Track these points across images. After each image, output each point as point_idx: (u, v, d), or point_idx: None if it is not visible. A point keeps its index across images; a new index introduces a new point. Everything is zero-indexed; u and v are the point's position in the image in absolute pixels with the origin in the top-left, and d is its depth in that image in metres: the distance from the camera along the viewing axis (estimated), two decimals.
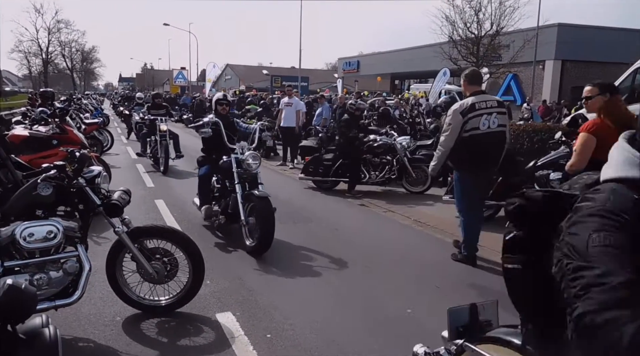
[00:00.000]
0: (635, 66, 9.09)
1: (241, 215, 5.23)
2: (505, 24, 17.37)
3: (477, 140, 4.77)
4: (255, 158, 5.46)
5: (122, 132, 18.81)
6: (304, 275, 4.64)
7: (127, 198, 3.54)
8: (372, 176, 8.73)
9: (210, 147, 6.11)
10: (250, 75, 58.35)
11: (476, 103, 4.80)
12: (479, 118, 4.76)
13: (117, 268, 3.67)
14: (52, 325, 1.68)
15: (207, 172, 5.99)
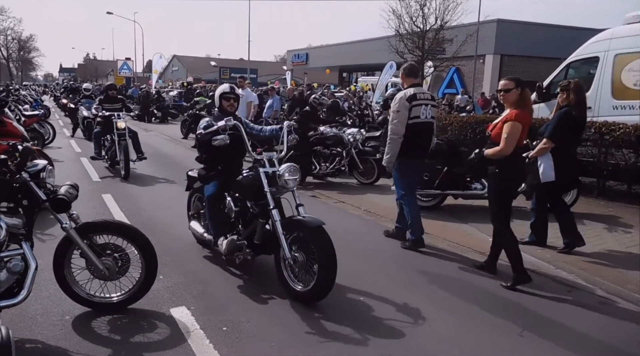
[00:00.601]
0: (568, 61, 9.61)
1: (285, 252, 3.88)
2: (449, 19, 17.91)
3: (418, 128, 5.15)
4: (294, 173, 4.18)
5: (64, 125, 17.95)
6: (258, 268, 4.65)
7: (74, 193, 3.43)
8: (322, 168, 8.83)
9: (214, 156, 4.65)
10: (198, 67, 57.11)
11: (417, 93, 5.18)
12: (420, 107, 5.15)
13: (66, 266, 3.56)
14: (3, 325, 1.64)
15: (217, 190, 4.51)
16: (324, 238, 3.76)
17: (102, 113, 9.15)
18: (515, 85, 4.30)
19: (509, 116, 4.29)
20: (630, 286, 4.31)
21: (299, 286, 3.88)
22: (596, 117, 8.12)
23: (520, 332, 3.51)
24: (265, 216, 4.13)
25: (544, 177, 5.10)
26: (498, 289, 4.28)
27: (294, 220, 3.97)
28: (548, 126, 5.20)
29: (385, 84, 22.40)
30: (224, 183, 4.52)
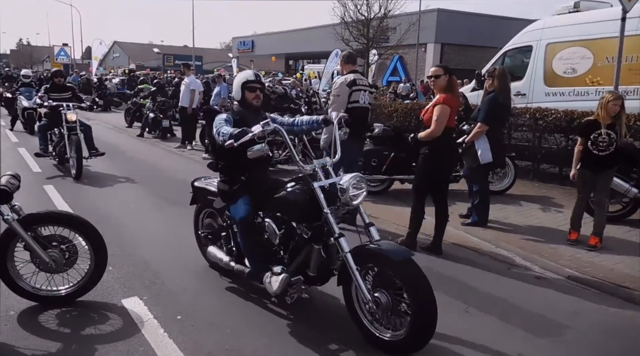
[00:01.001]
0: (504, 50, 10.07)
1: (364, 293, 3.01)
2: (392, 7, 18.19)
3: (357, 112, 5.35)
4: (361, 185, 3.26)
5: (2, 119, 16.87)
6: None
7: (16, 183, 3.32)
8: (274, 155, 8.84)
9: (237, 165, 3.62)
10: (141, 54, 55.10)
11: (356, 79, 5.43)
12: (359, 93, 5.40)
13: (8, 259, 3.43)
14: None
15: (251, 210, 3.53)
16: (417, 275, 2.93)
17: (48, 103, 8.01)
18: (444, 71, 4.66)
19: (438, 100, 4.62)
20: (562, 261, 4.64)
21: (387, 334, 3.05)
22: (530, 103, 8.59)
23: (466, 308, 3.71)
24: (319, 240, 3.25)
25: (483, 159, 5.42)
26: (442, 268, 4.50)
27: (367, 249, 3.10)
28: (480, 111, 5.52)
29: (331, 71, 22.46)
30: (257, 199, 3.58)
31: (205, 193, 4.05)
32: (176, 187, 7.41)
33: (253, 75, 3.71)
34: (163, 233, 5.28)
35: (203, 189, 4.09)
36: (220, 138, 3.36)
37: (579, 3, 8.72)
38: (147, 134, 12.86)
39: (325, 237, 3.22)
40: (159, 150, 11.21)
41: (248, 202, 3.53)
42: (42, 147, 8.43)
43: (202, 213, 4.32)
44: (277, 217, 3.50)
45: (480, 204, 5.68)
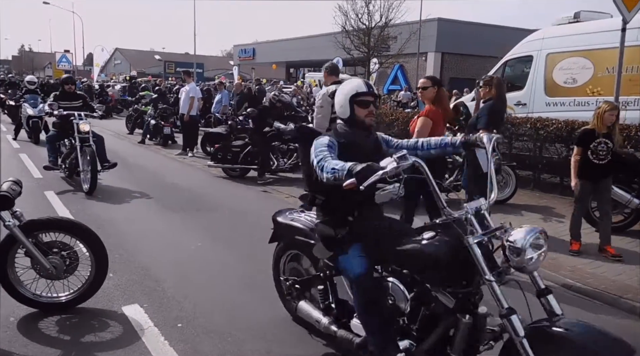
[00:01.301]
0: (504, 59, 10.11)
1: None
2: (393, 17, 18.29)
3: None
4: (539, 243, 2.31)
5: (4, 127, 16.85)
6: (211, 262, 4.65)
7: (17, 189, 3.32)
8: (280, 163, 8.83)
9: (341, 199, 2.70)
10: (142, 61, 55.39)
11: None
12: None
13: (9, 265, 3.42)
14: None
15: (370, 266, 2.67)
16: None
17: (59, 112, 7.44)
18: (432, 83, 4.78)
19: (422, 113, 4.79)
20: (563, 271, 4.63)
21: None
22: (531, 113, 8.61)
23: None
24: (467, 310, 2.43)
25: (485, 168, 5.40)
26: None
27: (549, 331, 2.21)
28: (479, 118, 5.48)
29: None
30: (372, 249, 2.69)
31: (294, 232, 3.23)
32: (177, 194, 7.42)
33: (365, 86, 2.87)
34: (164, 240, 5.28)
35: (290, 227, 3.26)
36: (328, 175, 2.46)
37: (579, 13, 8.77)
38: (148, 141, 12.88)
39: (473, 306, 2.45)
40: (160, 157, 11.22)
41: (363, 251, 2.66)
42: (51, 159, 7.79)
43: (286, 256, 3.49)
44: (404, 274, 2.63)
45: None
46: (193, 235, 5.50)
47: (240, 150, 8.69)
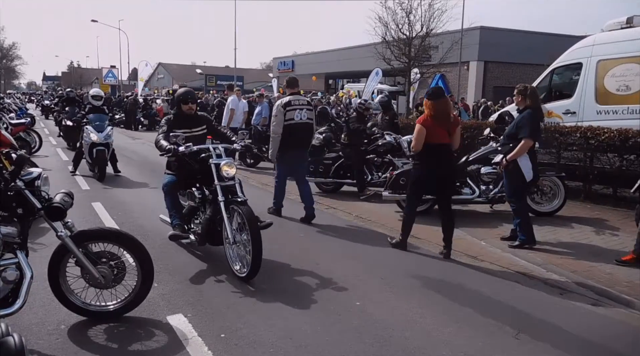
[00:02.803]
0: (552, 67, 9.79)
1: None
2: (434, 26, 18.08)
3: (292, 128, 6.42)
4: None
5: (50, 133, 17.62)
6: None
7: (69, 201, 3.42)
8: (374, 177, 8.45)
9: None
10: (184, 74, 56.98)
11: (292, 100, 6.47)
12: (294, 112, 6.43)
13: (61, 274, 3.52)
14: (15, 332, 1.63)
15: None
16: None
17: (187, 149, 4.75)
18: (427, 98, 5.33)
19: (418, 120, 5.39)
20: (619, 287, 4.39)
21: None
22: (581, 121, 8.29)
23: (516, 334, 3.55)
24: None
25: (528, 177, 5.43)
26: (492, 292, 4.34)
27: None
28: (520, 128, 5.43)
29: (371, 90, 22.57)
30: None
31: None
32: None
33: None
34: (206, 251, 5.33)
35: None
36: None
37: (632, 18, 8.39)
38: None
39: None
40: None
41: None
42: (175, 222, 5.05)
43: None
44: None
45: (523, 223, 5.51)
46: None
47: (332, 163, 8.38)
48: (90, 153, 9.22)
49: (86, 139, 9.30)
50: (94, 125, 9.33)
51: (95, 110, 9.72)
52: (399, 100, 24.33)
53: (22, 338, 1.64)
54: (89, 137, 9.24)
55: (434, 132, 5.19)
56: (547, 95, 9.76)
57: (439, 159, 5.26)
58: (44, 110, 28.85)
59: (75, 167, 9.70)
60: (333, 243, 5.83)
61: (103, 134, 9.27)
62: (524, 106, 5.53)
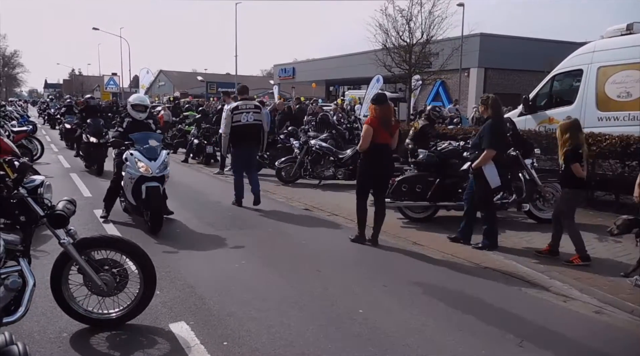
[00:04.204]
0: (553, 74, 9.82)
1: None
2: (435, 33, 18.11)
3: (239, 129, 7.66)
4: None
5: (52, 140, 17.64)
6: (256, 281, 4.64)
7: (72, 208, 3.41)
8: None
9: None
10: (185, 82, 57.13)
11: (239, 105, 7.76)
12: (240, 115, 7.66)
13: (63, 282, 3.51)
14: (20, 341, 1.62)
15: None
16: None
17: None
18: (372, 103, 6.03)
19: (366, 121, 6.10)
20: (623, 294, 4.38)
21: None
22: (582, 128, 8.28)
23: (520, 342, 3.53)
24: None
25: (493, 184, 5.63)
26: (494, 299, 4.32)
27: None
28: (482, 138, 5.70)
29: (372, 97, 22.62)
30: None
31: None
32: (220, 212, 7.52)
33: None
34: (207, 258, 5.33)
35: None
36: None
37: (632, 25, 8.42)
38: (191, 160, 13.18)
39: None
40: (203, 176, 11.44)
41: None
42: None
43: None
44: None
45: (489, 228, 5.73)
46: (236, 253, 5.53)
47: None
48: (137, 191, 6.15)
49: (130, 171, 6.20)
50: (141, 149, 6.19)
51: (137, 126, 6.72)
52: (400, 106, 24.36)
53: (26, 347, 1.64)
54: (134, 167, 6.12)
55: (379, 133, 5.80)
56: (547, 102, 9.79)
57: (381, 157, 5.91)
58: (49, 119, 26.80)
59: (107, 210, 6.72)
60: (334, 250, 5.82)
61: (157, 163, 6.15)
62: (487, 116, 5.83)
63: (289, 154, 10.64)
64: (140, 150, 6.24)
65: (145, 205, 6.15)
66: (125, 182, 6.36)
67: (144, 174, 6.11)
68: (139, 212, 6.40)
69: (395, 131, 6.03)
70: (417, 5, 17.89)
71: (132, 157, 6.20)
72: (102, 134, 10.52)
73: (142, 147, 6.27)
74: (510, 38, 27.42)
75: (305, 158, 10.03)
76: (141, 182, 6.10)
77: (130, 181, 6.20)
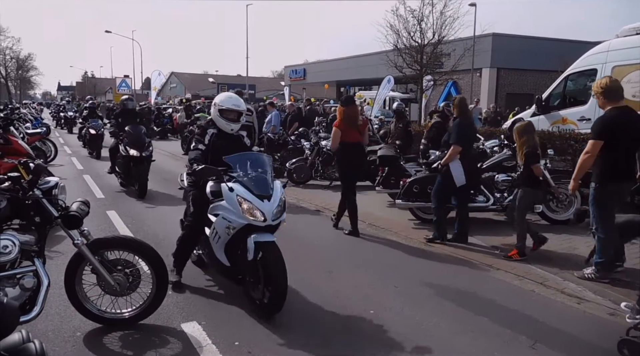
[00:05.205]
0: (566, 73, 9.71)
1: None
2: (446, 33, 18.02)
3: None
4: None
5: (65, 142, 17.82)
6: None
7: (86, 209, 3.45)
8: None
9: None
10: (196, 83, 57.48)
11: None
12: None
13: (77, 282, 3.55)
14: (36, 339, 1.65)
15: None
16: None
17: None
18: (341, 104, 6.59)
19: (334, 123, 6.46)
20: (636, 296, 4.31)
21: None
22: None
23: (532, 344, 3.50)
24: None
25: (458, 182, 5.83)
26: (507, 301, 4.29)
27: None
28: (450, 135, 6.05)
29: (383, 98, 22.55)
30: None
31: None
32: None
33: None
34: None
35: None
36: None
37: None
38: None
39: None
40: None
41: None
42: None
43: None
44: None
45: (437, 222, 6.04)
46: None
47: None
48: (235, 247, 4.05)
49: (227, 216, 3.95)
50: (244, 181, 3.97)
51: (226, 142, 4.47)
52: (411, 107, 24.27)
53: (42, 345, 1.66)
54: (236, 210, 3.89)
55: (348, 133, 6.25)
56: (561, 102, 9.68)
57: (356, 154, 6.33)
58: (66, 122, 24.85)
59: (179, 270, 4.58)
60: (345, 251, 5.82)
61: (273, 205, 3.96)
62: (455, 115, 6.28)
63: (299, 155, 10.65)
64: (243, 182, 3.95)
65: (251, 269, 3.93)
66: (216, 232, 3.99)
67: (254, 222, 3.83)
68: (234, 278, 4.17)
69: (363, 129, 6.52)
70: (428, 6, 17.82)
71: (231, 193, 3.87)
72: (145, 145, 8.46)
73: (245, 176, 4.00)
74: (523, 38, 27.19)
75: (316, 160, 10.05)
76: (245, 234, 3.85)
77: (227, 232, 3.90)
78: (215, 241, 4.04)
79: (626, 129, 4.52)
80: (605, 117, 4.66)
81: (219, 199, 3.99)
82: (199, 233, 4.36)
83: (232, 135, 4.50)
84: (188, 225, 4.45)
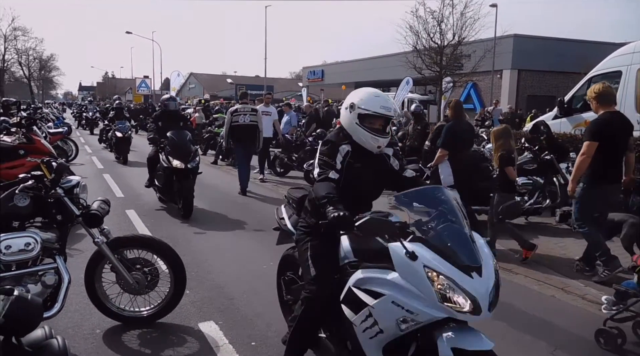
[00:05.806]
0: (590, 75, 9.55)
1: None
2: (466, 35, 17.89)
3: (238, 128, 9.04)
4: None
5: (85, 142, 18.13)
6: None
7: (106, 208, 3.50)
8: None
9: None
10: (214, 84, 57.94)
11: (239, 108, 9.22)
12: (239, 116, 9.05)
13: (97, 280, 3.61)
14: (59, 335, 1.67)
15: None
16: None
17: None
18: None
19: None
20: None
21: None
22: None
23: (553, 351, 3.45)
24: None
25: (445, 183, 5.87)
26: (527, 306, 4.22)
27: None
28: (440, 139, 6.24)
29: (402, 99, 22.45)
30: None
31: None
32: (248, 214, 7.57)
33: None
34: (236, 259, 5.38)
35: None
36: None
37: None
38: (220, 161, 13.33)
39: None
40: (231, 177, 11.51)
41: None
42: None
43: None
44: None
45: None
46: (264, 254, 5.54)
47: None
48: None
49: None
50: None
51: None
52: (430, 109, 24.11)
53: (65, 341, 1.69)
54: None
55: None
56: (584, 105, 9.51)
57: None
58: (87, 123, 24.16)
59: None
60: None
61: None
62: (449, 118, 6.43)
63: None
64: (432, 242, 2.42)
65: None
66: (374, 322, 2.44)
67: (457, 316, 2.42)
68: None
69: None
70: (448, 7, 17.73)
71: (413, 263, 2.32)
72: (191, 155, 7.09)
73: (431, 230, 2.50)
74: (545, 39, 26.82)
75: None
76: (430, 328, 2.41)
77: (401, 326, 2.36)
78: (367, 334, 2.46)
79: (617, 132, 4.71)
80: (599, 119, 4.81)
81: (378, 266, 2.46)
82: (327, 309, 2.76)
83: (371, 154, 2.94)
84: (309, 297, 2.77)
